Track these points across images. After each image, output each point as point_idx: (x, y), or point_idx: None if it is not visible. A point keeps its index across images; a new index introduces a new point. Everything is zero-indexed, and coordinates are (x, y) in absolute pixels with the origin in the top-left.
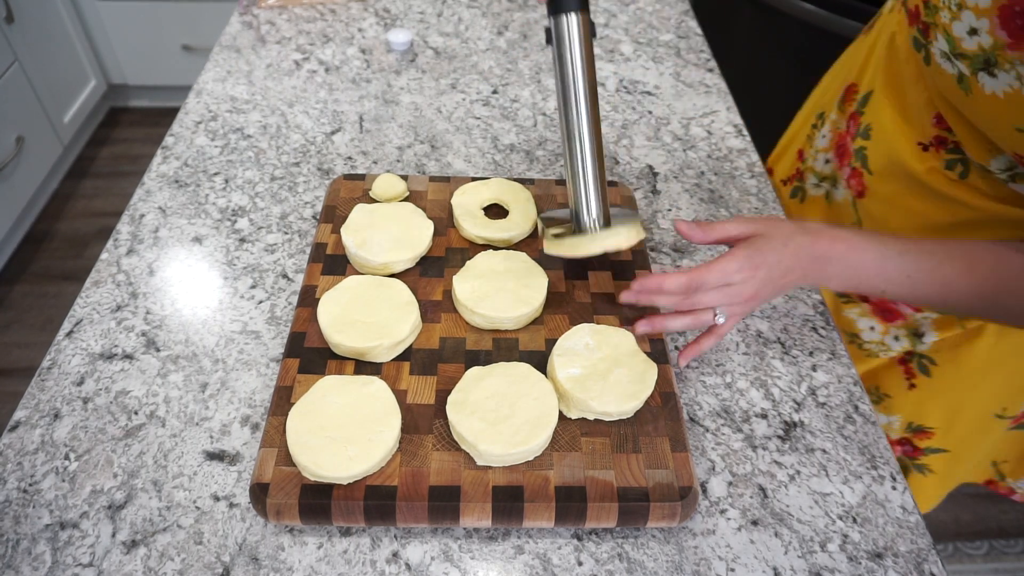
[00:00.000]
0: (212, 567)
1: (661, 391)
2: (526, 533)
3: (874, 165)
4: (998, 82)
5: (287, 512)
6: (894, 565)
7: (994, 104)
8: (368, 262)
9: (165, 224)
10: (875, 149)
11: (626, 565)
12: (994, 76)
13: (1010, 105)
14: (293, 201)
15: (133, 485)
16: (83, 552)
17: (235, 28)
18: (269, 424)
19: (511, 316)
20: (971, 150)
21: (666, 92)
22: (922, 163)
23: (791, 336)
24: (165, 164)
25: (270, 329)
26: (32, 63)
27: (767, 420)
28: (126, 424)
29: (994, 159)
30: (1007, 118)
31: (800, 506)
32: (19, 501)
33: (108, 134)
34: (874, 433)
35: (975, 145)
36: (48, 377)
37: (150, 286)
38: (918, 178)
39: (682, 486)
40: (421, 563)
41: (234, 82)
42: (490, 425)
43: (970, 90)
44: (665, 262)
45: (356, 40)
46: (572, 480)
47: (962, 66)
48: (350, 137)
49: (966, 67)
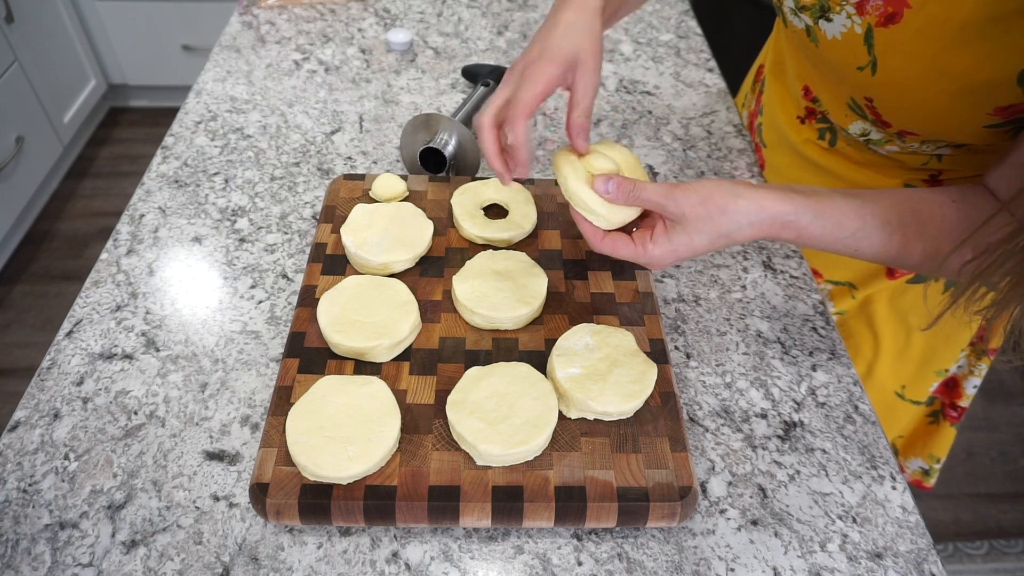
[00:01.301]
0: (212, 567)
1: (661, 391)
2: (526, 533)
3: (767, 139)
4: (834, 26)
5: (287, 512)
6: (894, 565)
7: (836, 48)
8: (368, 262)
9: (165, 224)
10: (767, 124)
11: (626, 565)
12: (830, 20)
13: (848, 45)
14: (293, 201)
15: (133, 485)
16: (83, 552)
17: (235, 28)
18: (269, 424)
19: (511, 316)
20: (834, 115)
21: (666, 92)
22: (799, 135)
23: (791, 336)
24: (165, 164)
25: (270, 329)
26: (32, 63)
27: (767, 420)
28: (126, 424)
29: (851, 123)
30: (849, 60)
31: (800, 506)
32: (19, 501)
33: (108, 134)
34: (874, 433)
35: (835, 109)
36: (48, 377)
37: (150, 286)
38: (798, 150)
39: (682, 486)
40: (421, 563)
41: (234, 82)
42: (490, 425)
43: (817, 40)
44: None
45: (356, 40)
46: (572, 480)
47: (806, 18)
48: (350, 137)
49: (809, 18)
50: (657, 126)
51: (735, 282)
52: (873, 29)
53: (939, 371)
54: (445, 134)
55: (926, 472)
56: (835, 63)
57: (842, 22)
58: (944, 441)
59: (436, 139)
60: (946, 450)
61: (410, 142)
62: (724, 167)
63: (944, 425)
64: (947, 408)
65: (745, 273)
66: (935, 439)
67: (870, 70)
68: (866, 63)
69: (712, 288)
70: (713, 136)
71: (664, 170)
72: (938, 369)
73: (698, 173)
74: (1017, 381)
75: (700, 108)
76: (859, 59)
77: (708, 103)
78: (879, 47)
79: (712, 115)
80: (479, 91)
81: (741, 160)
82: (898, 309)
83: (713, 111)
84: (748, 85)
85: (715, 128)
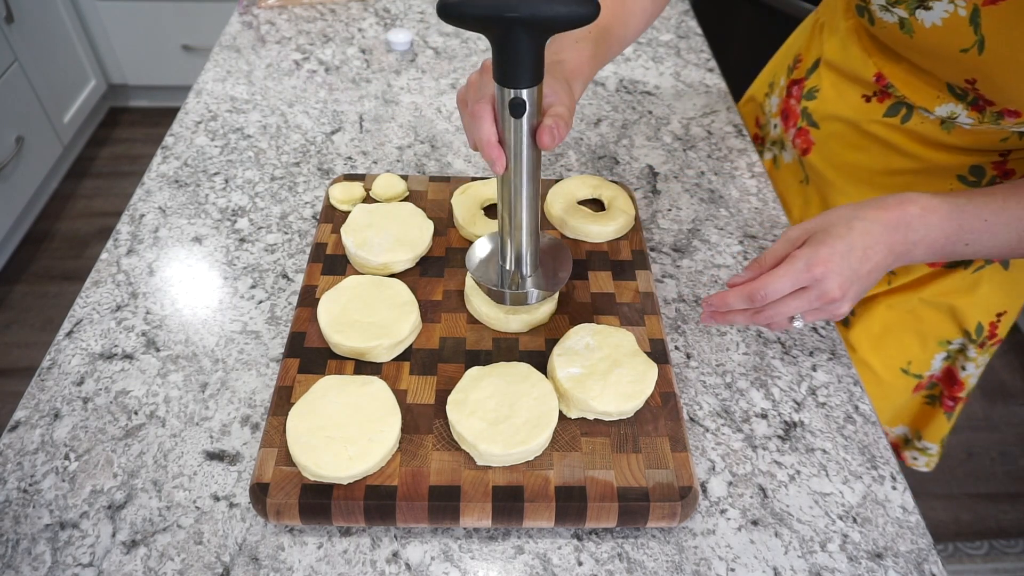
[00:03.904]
0: (212, 567)
1: (661, 391)
2: (526, 533)
3: (819, 119)
4: (934, 13)
5: (287, 512)
6: (894, 565)
7: (936, 35)
8: (368, 262)
9: (165, 224)
10: (818, 108)
11: (626, 565)
12: (929, 8)
13: (950, 30)
14: (293, 201)
15: (133, 485)
16: (83, 552)
17: (235, 28)
18: (269, 424)
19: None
20: (916, 99)
21: (666, 92)
22: (864, 113)
23: (791, 336)
24: (165, 164)
25: (270, 329)
26: (32, 63)
27: (767, 420)
28: (126, 424)
29: (940, 106)
30: (951, 44)
31: (800, 506)
32: (19, 501)
33: (108, 134)
34: (874, 433)
35: (920, 92)
36: (48, 377)
37: (150, 286)
38: (859, 126)
39: (682, 486)
40: (421, 563)
41: (234, 82)
42: (490, 425)
43: (912, 31)
44: (665, 262)
45: (356, 40)
46: (572, 480)
47: (900, 12)
48: (350, 137)
49: (904, 11)
50: (657, 126)
51: None
52: (980, 9)
53: (942, 342)
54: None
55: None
56: (934, 49)
57: (944, 8)
58: (936, 428)
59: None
60: (937, 438)
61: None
62: (724, 167)
63: (938, 411)
64: (944, 398)
65: None
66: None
67: (976, 50)
68: (971, 44)
69: (712, 288)
70: (713, 136)
71: (664, 170)
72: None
73: (698, 173)
74: (1017, 381)
75: (700, 108)
76: (963, 41)
77: (708, 103)
78: (987, 26)
79: (712, 115)
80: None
81: (741, 160)
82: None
83: (713, 111)
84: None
85: (715, 128)
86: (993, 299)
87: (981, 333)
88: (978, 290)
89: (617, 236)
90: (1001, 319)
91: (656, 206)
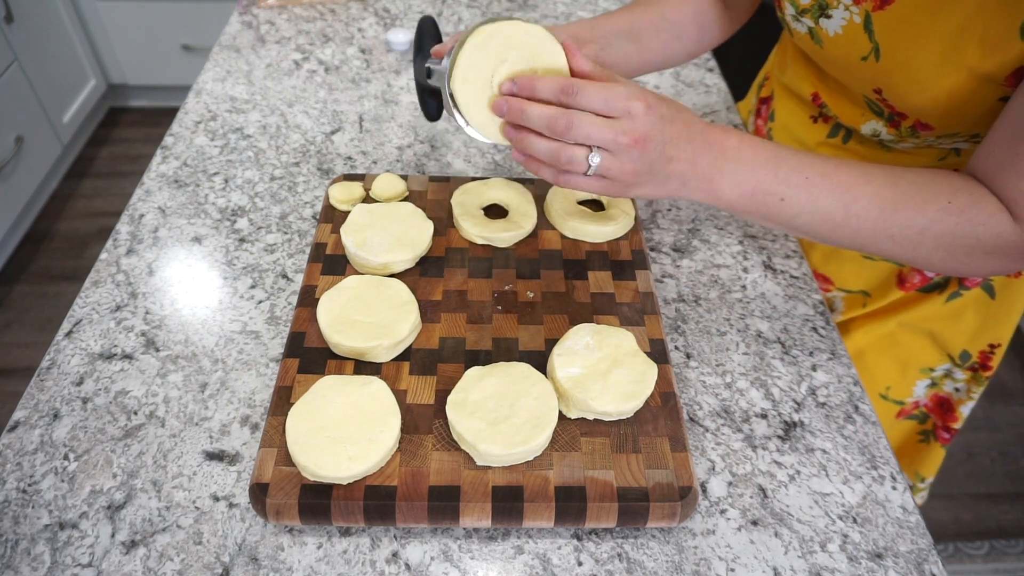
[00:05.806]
0: (212, 567)
1: (661, 391)
2: (526, 533)
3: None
4: (834, 22)
5: (287, 512)
6: (894, 565)
7: (839, 44)
8: (368, 262)
9: (165, 224)
10: (778, 130)
11: (626, 565)
12: (830, 17)
13: (849, 38)
14: (293, 201)
15: (132, 485)
16: (82, 552)
17: (235, 28)
18: (269, 424)
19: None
20: (846, 119)
21: (666, 92)
22: (812, 135)
23: (791, 336)
24: (165, 164)
25: (270, 329)
26: (32, 63)
27: (767, 420)
28: (126, 424)
29: (864, 124)
30: (853, 52)
31: (800, 506)
32: (18, 501)
33: (108, 134)
34: (874, 433)
35: (847, 111)
36: (47, 377)
37: (150, 286)
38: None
39: (682, 486)
40: (421, 563)
41: (234, 82)
42: (490, 425)
43: (821, 40)
44: (665, 262)
45: (356, 40)
46: (572, 480)
47: (808, 21)
48: (350, 137)
49: (810, 20)
50: None
51: (735, 282)
52: (871, 15)
53: (924, 369)
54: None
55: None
56: (840, 60)
57: (841, 16)
58: (933, 461)
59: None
60: (934, 470)
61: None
62: None
63: (935, 446)
64: (939, 430)
65: (745, 273)
66: (924, 457)
67: (873, 57)
68: (868, 51)
69: (712, 288)
70: None
71: None
72: (923, 367)
73: None
74: (1017, 381)
75: (700, 108)
76: (861, 49)
77: (708, 103)
78: (879, 31)
79: (712, 115)
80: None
81: None
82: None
83: (713, 111)
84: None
85: None
86: (981, 329)
87: (968, 359)
88: (962, 318)
89: (617, 236)
90: (995, 351)
91: (656, 206)
